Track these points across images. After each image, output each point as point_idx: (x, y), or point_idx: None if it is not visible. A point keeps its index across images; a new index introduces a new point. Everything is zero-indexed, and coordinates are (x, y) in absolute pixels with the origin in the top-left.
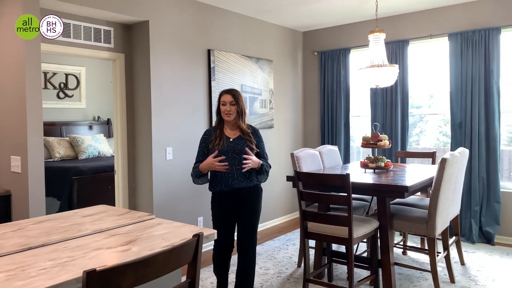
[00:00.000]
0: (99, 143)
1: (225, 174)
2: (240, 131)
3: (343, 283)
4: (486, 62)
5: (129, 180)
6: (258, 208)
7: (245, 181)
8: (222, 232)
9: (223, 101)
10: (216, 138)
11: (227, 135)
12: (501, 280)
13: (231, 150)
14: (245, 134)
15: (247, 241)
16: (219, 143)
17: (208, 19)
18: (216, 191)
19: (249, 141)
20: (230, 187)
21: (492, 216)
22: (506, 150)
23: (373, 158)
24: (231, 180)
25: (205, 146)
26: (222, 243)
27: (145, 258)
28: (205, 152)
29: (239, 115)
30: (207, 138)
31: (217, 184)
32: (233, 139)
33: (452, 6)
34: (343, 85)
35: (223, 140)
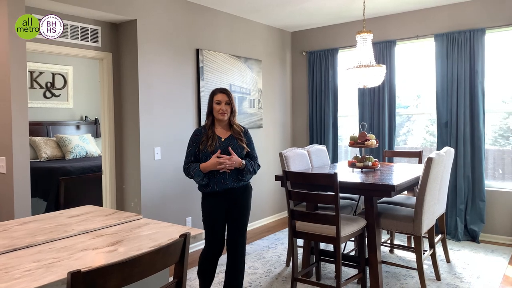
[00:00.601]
0: (87, 143)
1: (218, 175)
2: (231, 131)
3: (331, 282)
4: (471, 63)
5: (116, 180)
6: (249, 206)
7: (237, 181)
8: (214, 232)
9: (217, 100)
10: (208, 138)
11: (218, 135)
12: (485, 277)
13: (223, 150)
14: (236, 134)
15: (238, 240)
16: (212, 144)
17: (197, 18)
18: (208, 191)
19: (240, 141)
20: (223, 187)
21: (477, 214)
22: (490, 149)
23: (361, 158)
24: (224, 181)
25: (196, 146)
26: (214, 243)
27: (131, 258)
28: (196, 152)
29: (232, 114)
30: (198, 138)
31: (209, 185)
32: (225, 139)
33: (438, 7)
34: (331, 85)
35: (215, 140)
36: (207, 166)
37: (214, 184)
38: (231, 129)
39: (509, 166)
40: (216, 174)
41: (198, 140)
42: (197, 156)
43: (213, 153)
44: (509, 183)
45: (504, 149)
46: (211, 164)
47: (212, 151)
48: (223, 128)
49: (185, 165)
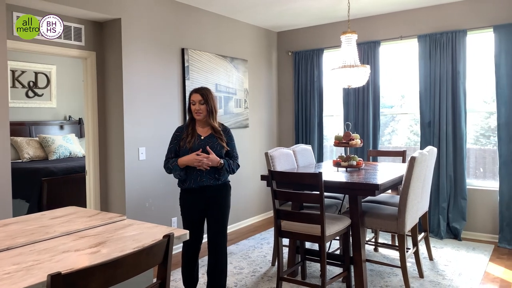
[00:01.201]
0: (70, 143)
1: (194, 172)
2: (212, 129)
3: (316, 281)
4: (453, 64)
5: (100, 181)
6: (227, 205)
7: (214, 179)
8: (191, 229)
9: (192, 100)
10: (187, 135)
11: (198, 133)
12: (467, 274)
13: (202, 148)
14: (216, 132)
15: (218, 239)
16: (191, 141)
17: (182, 17)
18: (185, 187)
19: (220, 140)
20: (199, 184)
21: (458, 212)
22: (472, 148)
23: (345, 157)
24: (200, 178)
25: (176, 143)
26: (191, 240)
27: (113, 260)
28: (176, 149)
29: (209, 113)
30: (179, 135)
31: (186, 181)
32: (204, 137)
33: (421, 9)
34: (317, 85)
35: (195, 137)
36: (184, 160)
37: (191, 180)
38: (212, 128)
39: (490, 165)
40: (193, 171)
41: (179, 137)
42: (177, 152)
43: (191, 150)
44: (490, 181)
45: (485, 148)
46: (188, 159)
47: (191, 148)
48: (204, 127)
49: (165, 160)
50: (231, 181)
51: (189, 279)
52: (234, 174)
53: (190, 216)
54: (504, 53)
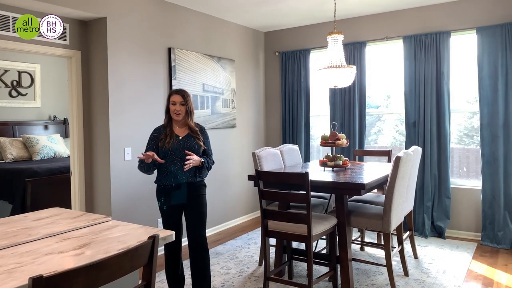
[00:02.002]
0: (55, 144)
1: (174, 170)
2: (189, 129)
3: (303, 280)
4: (437, 64)
5: (86, 181)
6: (204, 202)
7: (192, 177)
8: (170, 226)
9: (172, 101)
10: (166, 136)
11: (176, 134)
12: (451, 272)
13: (180, 147)
14: (193, 132)
15: (197, 235)
16: (169, 141)
17: (169, 17)
18: (162, 184)
19: (197, 139)
20: (177, 182)
21: (443, 211)
22: (456, 148)
23: (332, 157)
24: (180, 176)
25: (154, 143)
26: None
27: (97, 262)
28: (154, 149)
29: (188, 114)
30: (157, 136)
31: (165, 179)
32: (182, 137)
33: (406, 10)
34: (304, 85)
35: (173, 138)
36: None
37: (170, 178)
38: (189, 128)
39: (473, 164)
40: (173, 169)
41: (156, 138)
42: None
43: (171, 150)
44: (473, 180)
45: (468, 147)
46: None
47: (170, 148)
48: (181, 127)
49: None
50: (218, 180)
51: (173, 279)
52: (222, 175)
53: (168, 213)
54: (486, 54)
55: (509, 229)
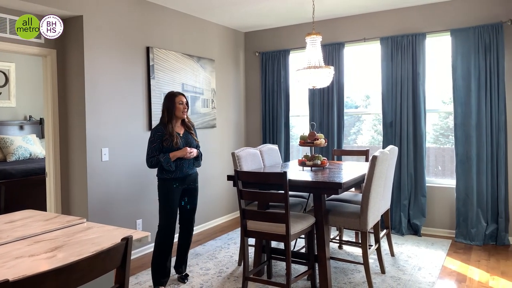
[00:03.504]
0: (31, 144)
1: (181, 163)
2: (184, 127)
3: (282, 280)
4: (413, 65)
5: (61, 183)
6: (197, 189)
7: (192, 169)
8: (173, 210)
9: (180, 101)
10: (171, 135)
11: (177, 132)
12: (426, 269)
13: (183, 144)
14: (188, 128)
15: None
16: (177, 141)
17: (147, 16)
18: (171, 177)
19: (193, 135)
20: (184, 174)
21: (419, 209)
22: (431, 147)
23: (310, 156)
24: (185, 168)
25: (160, 142)
26: (171, 219)
27: (67, 265)
28: (160, 147)
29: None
30: (161, 135)
31: (173, 172)
32: (182, 134)
33: (383, 12)
34: (283, 86)
35: (178, 137)
36: (177, 154)
37: (177, 171)
38: (184, 125)
39: (448, 163)
40: (180, 163)
41: (161, 137)
42: (161, 150)
43: (178, 148)
44: (448, 179)
45: (444, 147)
46: (181, 153)
47: (178, 147)
48: (179, 125)
49: (151, 158)
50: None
51: (162, 270)
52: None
53: (174, 200)
54: (460, 56)
55: (482, 226)
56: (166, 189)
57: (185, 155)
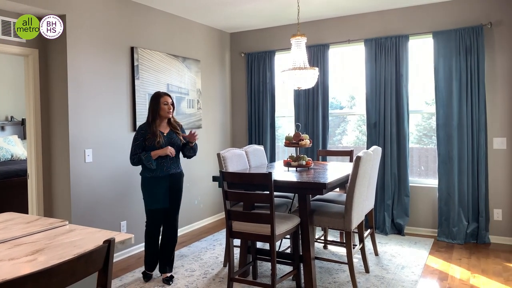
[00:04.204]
0: (12, 145)
1: (162, 162)
2: (170, 126)
3: (267, 280)
4: (396, 67)
5: (44, 185)
6: (182, 189)
7: (175, 168)
8: (156, 208)
9: (165, 101)
10: (154, 134)
11: (161, 131)
12: (409, 267)
13: (167, 143)
14: (174, 128)
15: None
16: (160, 140)
17: (131, 15)
18: (152, 175)
19: (178, 134)
20: (165, 173)
21: (402, 209)
22: (414, 147)
23: (295, 157)
24: (166, 167)
25: (143, 140)
26: (156, 218)
27: (47, 268)
28: (143, 145)
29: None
30: (144, 133)
31: (154, 171)
32: (166, 133)
33: (367, 14)
34: (269, 87)
35: (161, 136)
36: (158, 152)
37: (158, 170)
38: (169, 125)
39: (431, 163)
40: (161, 161)
41: (144, 135)
42: (144, 149)
43: (160, 147)
44: (430, 179)
45: (427, 147)
46: (163, 151)
47: (160, 146)
48: (165, 125)
49: (133, 155)
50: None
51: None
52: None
53: (156, 198)
54: (442, 57)
55: (463, 225)
56: (149, 188)
57: (166, 154)
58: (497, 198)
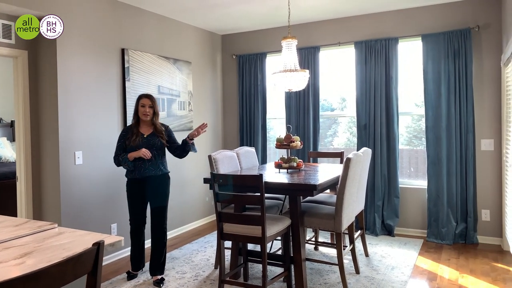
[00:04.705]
0: (1, 147)
1: (138, 164)
2: (154, 129)
3: (258, 282)
4: (386, 69)
5: (33, 187)
6: (167, 191)
7: (155, 170)
8: (135, 209)
9: (142, 103)
10: (133, 135)
11: (142, 132)
12: (399, 268)
13: (144, 145)
14: (158, 132)
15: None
16: (135, 139)
17: (122, 17)
18: (130, 177)
19: (161, 137)
20: (142, 175)
21: (392, 210)
22: (404, 149)
23: (286, 159)
24: (143, 170)
25: (123, 141)
26: (135, 219)
27: (35, 272)
28: (123, 146)
29: (155, 115)
30: (125, 135)
31: (132, 172)
32: (147, 135)
33: (357, 17)
34: (260, 89)
35: (139, 137)
36: (132, 154)
37: (135, 172)
38: (154, 127)
39: (421, 164)
40: (139, 164)
41: (125, 137)
42: (125, 149)
43: (137, 147)
44: (420, 180)
45: (417, 149)
46: (137, 153)
47: (136, 145)
48: (147, 126)
49: (115, 156)
50: (174, 183)
51: (137, 258)
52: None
53: (135, 200)
54: (431, 60)
55: (452, 226)
56: (129, 189)
57: (140, 155)
58: (485, 199)
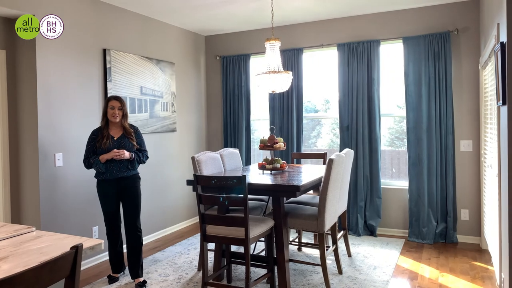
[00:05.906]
0: None
1: (110, 166)
2: (123, 131)
3: (241, 283)
4: (368, 71)
5: (11, 190)
6: (138, 192)
7: (126, 171)
8: (108, 210)
9: (111, 105)
10: (103, 137)
11: (112, 135)
12: (381, 268)
13: (115, 147)
14: (128, 134)
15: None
16: (106, 142)
17: (103, 17)
18: (101, 178)
19: (131, 139)
20: (114, 176)
21: (374, 210)
22: (386, 150)
23: (270, 160)
24: (115, 171)
25: (93, 144)
26: (109, 220)
27: (9, 277)
28: (94, 149)
29: (124, 117)
30: (95, 137)
31: (104, 174)
32: (117, 137)
33: (340, 19)
34: (244, 90)
35: (109, 139)
36: (104, 156)
37: (107, 173)
38: (124, 129)
39: (403, 165)
40: (110, 165)
41: (95, 140)
42: (95, 152)
43: (107, 149)
44: (402, 181)
45: (399, 150)
46: (109, 155)
47: (106, 148)
48: (117, 128)
49: (85, 159)
50: (157, 185)
51: (115, 260)
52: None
53: (107, 201)
54: (411, 62)
55: (432, 226)
56: (100, 191)
57: (113, 157)
58: (464, 198)
